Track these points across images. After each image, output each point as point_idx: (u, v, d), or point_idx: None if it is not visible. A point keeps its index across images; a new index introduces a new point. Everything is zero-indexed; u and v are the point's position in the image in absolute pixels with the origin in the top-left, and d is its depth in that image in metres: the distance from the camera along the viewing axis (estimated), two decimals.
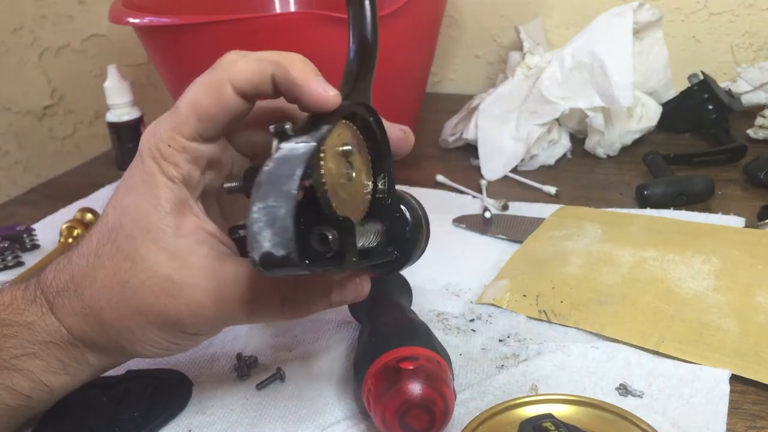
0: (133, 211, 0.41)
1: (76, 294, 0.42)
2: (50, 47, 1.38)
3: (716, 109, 0.92)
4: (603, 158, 0.90)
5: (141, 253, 0.40)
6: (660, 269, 0.62)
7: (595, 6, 1.10)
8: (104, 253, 0.41)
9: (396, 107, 0.90)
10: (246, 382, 0.53)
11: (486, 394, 0.50)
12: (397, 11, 0.79)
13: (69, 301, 0.42)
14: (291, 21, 0.80)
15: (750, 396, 0.49)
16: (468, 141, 0.93)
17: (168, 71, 0.86)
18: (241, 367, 0.53)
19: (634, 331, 0.55)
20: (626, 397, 0.49)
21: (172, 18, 0.77)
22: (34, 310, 0.43)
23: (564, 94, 0.87)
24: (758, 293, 0.58)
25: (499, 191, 0.83)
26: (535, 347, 0.54)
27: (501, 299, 0.60)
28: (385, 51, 0.80)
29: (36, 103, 1.40)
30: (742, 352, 0.51)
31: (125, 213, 0.41)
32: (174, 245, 0.40)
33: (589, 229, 0.70)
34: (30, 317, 0.43)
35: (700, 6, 1.07)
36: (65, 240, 0.74)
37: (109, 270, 0.41)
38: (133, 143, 0.96)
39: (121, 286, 0.41)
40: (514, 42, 1.17)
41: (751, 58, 1.07)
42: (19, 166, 1.42)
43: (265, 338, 0.58)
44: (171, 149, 0.40)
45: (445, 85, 1.26)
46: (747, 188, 0.79)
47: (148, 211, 0.40)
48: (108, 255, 0.41)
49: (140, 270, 0.40)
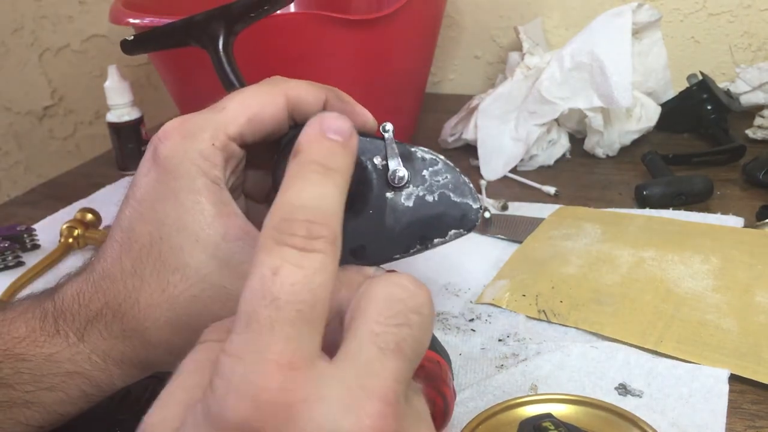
0: (175, 221, 0.38)
1: (114, 319, 0.40)
2: (50, 48, 1.38)
3: (715, 110, 0.92)
4: (602, 158, 0.91)
5: (192, 265, 0.38)
6: (659, 269, 0.62)
7: (594, 7, 1.10)
8: (146, 273, 0.39)
9: (396, 107, 0.90)
10: None
11: (485, 393, 0.50)
12: (397, 11, 0.80)
13: (105, 327, 0.40)
14: (291, 21, 0.80)
15: (749, 395, 0.49)
16: (467, 141, 0.93)
17: (168, 71, 0.87)
18: None
19: (634, 331, 0.55)
20: (625, 397, 0.49)
21: (172, 18, 0.77)
22: (57, 341, 0.40)
23: (563, 94, 0.87)
24: (757, 293, 0.58)
25: (498, 191, 0.83)
26: (535, 347, 0.54)
27: (500, 299, 0.60)
28: (385, 51, 0.81)
29: (36, 103, 1.40)
30: (741, 352, 0.51)
31: (165, 224, 0.38)
32: (224, 252, 0.38)
33: (589, 229, 0.70)
34: (52, 349, 0.40)
35: (698, 6, 1.07)
36: (65, 240, 0.74)
37: (155, 287, 0.39)
38: (133, 143, 0.97)
39: (171, 302, 0.38)
40: (513, 42, 1.17)
41: (750, 58, 1.07)
42: (20, 166, 1.42)
43: None
44: (214, 148, 0.38)
45: (444, 85, 1.27)
46: (746, 188, 0.79)
47: (195, 218, 0.38)
48: (151, 272, 0.38)
49: (192, 283, 0.38)
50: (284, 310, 0.25)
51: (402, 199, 0.43)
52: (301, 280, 0.25)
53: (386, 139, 0.42)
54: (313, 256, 0.26)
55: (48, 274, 0.72)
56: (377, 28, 0.80)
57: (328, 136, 0.28)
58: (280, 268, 0.25)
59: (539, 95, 0.87)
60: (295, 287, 0.25)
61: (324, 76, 0.81)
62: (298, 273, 0.25)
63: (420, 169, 0.43)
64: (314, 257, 0.26)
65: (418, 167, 0.43)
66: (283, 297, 0.25)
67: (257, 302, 0.25)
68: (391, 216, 0.43)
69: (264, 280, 0.25)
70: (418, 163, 0.43)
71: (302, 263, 0.25)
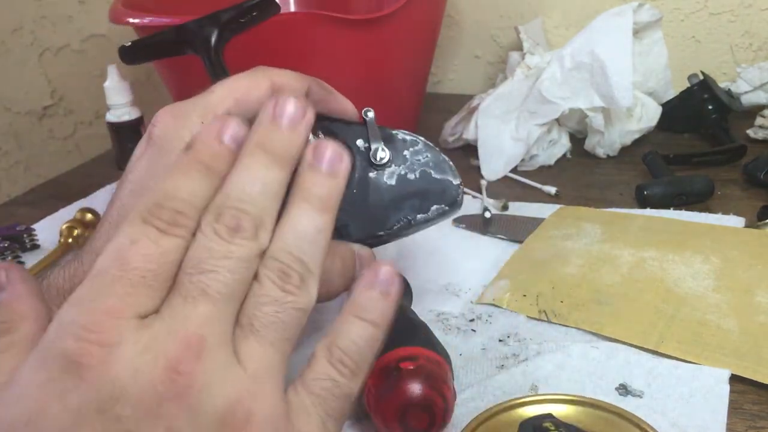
0: None
1: None
2: (50, 47, 1.38)
3: (716, 110, 0.92)
4: (603, 158, 0.90)
5: None
6: (660, 269, 0.62)
7: (594, 6, 1.10)
8: None
9: (396, 107, 0.90)
10: None
11: (486, 394, 0.50)
12: (397, 11, 0.80)
13: None
14: (291, 21, 0.80)
15: (750, 396, 0.49)
16: (468, 141, 0.93)
17: (169, 71, 0.87)
18: None
19: (634, 331, 0.55)
20: (626, 397, 0.49)
21: (172, 18, 0.77)
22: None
23: (564, 94, 0.87)
24: (758, 293, 0.58)
25: (499, 191, 0.83)
26: (535, 347, 0.54)
27: (501, 299, 0.60)
28: (385, 51, 0.81)
29: (36, 103, 1.40)
30: (742, 352, 0.51)
31: None
32: None
33: (589, 229, 0.70)
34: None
35: (699, 6, 1.07)
36: (65, 240, 0.74)
37: None
38: (133, 143, 0.95)
39: None
40: (513, 42, 1.17)
41: (751, 58, 1.07)
42: (20, 166, 1.41)
43: None
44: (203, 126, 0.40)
45: (444, 85, 1.26)
46: (746, 188, 0.79)
47: None
48: None
49: None
50: (130, 273, 0.29)
51: (384, 178, 0.45)
52: (153, 253, 0.29)
53: (368, 122, 0.44)
54: (170, 239, 0.30)
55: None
56: (377, 28, 0.80)
57: (223, 140, 0.32)
58: (139, 241, 0.29)
59: (540, 95, 0.87)
60: (146, 257, 0.29)
61: (324, 76, 0.81)
62: (152, 247, 0.29)
63: (401, 150, 0.45)
64: (171, 240, 0.30)
65: (399, 148, 0.45)
66: (133, 263, 0.29)
67: (110, 262, 0.29)
68: (375, 194, 0.45)
69: (122, 246, 0.29)
70: (399, 144, 0.45)
71: (159, 242, 0.30)
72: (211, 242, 0.30)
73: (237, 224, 0.30)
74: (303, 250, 0.32)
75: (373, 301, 0.33)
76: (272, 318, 0.31)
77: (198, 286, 0.30)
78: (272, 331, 0.31)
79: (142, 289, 0.29)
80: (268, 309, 0.31)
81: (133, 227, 0.30)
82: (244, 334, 0.31)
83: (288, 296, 0.31)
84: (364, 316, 0.33)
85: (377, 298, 0.33)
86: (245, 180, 0.31)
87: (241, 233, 0.30)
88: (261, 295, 0.31)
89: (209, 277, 0.30)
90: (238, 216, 0.30)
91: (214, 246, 0.30)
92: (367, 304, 0.33)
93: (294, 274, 0.31)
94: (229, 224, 0.30)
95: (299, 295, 0.31)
